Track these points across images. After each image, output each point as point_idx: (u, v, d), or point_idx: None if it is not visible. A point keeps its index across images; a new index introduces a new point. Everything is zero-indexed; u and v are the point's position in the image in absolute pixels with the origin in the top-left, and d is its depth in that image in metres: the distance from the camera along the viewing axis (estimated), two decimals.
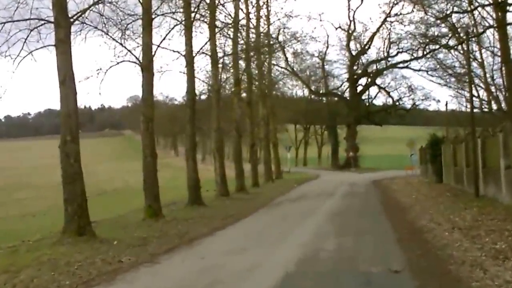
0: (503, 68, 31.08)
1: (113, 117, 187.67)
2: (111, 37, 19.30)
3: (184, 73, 24.66)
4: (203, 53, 27.57)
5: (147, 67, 19.15)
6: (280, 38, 45.98)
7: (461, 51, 39.40)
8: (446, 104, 44.56)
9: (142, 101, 19.33)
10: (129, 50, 19.78)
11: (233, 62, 32.68)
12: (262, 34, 40.62)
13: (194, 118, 24.36)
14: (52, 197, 48.72)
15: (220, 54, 29.69)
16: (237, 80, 33.09)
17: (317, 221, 16.99)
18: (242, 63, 35.35)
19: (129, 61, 20.06)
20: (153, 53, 19.66)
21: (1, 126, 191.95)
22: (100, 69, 20.02)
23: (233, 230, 15.97)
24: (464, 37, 34.59)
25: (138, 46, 20.37)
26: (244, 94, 38.72)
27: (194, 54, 24.60)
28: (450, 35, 38.38)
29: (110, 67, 20.12)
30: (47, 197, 47.18)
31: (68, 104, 14.02)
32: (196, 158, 24.17)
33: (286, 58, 60.14)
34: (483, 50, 38.36)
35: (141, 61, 19.40)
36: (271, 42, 42.63)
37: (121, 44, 19.66)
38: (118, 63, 20.11)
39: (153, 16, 20.02)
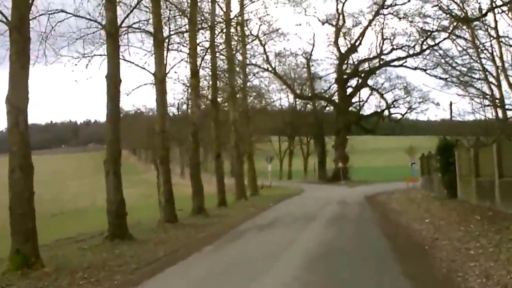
0: None
1: (99, 131, 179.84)
2: None
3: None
4: (137, 28, 20.45)
5: (17, 27, 12.01)
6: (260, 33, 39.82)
7: (470, 39, 33.12)
8: (451, 104, 38.21)
9: (9, 82, 12.04)
10: None
11: (191, 49, 25.49)
12: (234, 22, 33.68)
13: (118, 114, 17.11)
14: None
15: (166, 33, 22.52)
16: (194, 71, 25.79)
17: (280, 277, 9.78)
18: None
19: None
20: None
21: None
22: None
23: None
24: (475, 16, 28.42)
25: None
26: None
27: (119, 25, 17.47)
28: (454, 24, 32.37)
29: None
30: None
31: None
32: (119, 172, 16.66)
33: (267, 57, 53.65)
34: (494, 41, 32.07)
35: (9, 19, 12.31)
36: (246, 33, 35.99)
37: None
38: None
39: None
